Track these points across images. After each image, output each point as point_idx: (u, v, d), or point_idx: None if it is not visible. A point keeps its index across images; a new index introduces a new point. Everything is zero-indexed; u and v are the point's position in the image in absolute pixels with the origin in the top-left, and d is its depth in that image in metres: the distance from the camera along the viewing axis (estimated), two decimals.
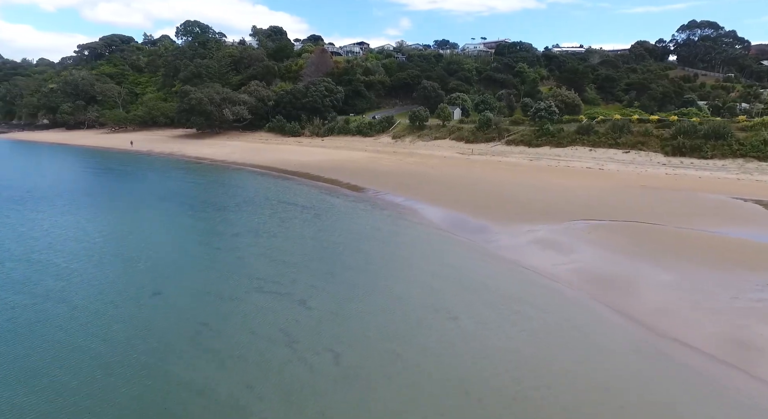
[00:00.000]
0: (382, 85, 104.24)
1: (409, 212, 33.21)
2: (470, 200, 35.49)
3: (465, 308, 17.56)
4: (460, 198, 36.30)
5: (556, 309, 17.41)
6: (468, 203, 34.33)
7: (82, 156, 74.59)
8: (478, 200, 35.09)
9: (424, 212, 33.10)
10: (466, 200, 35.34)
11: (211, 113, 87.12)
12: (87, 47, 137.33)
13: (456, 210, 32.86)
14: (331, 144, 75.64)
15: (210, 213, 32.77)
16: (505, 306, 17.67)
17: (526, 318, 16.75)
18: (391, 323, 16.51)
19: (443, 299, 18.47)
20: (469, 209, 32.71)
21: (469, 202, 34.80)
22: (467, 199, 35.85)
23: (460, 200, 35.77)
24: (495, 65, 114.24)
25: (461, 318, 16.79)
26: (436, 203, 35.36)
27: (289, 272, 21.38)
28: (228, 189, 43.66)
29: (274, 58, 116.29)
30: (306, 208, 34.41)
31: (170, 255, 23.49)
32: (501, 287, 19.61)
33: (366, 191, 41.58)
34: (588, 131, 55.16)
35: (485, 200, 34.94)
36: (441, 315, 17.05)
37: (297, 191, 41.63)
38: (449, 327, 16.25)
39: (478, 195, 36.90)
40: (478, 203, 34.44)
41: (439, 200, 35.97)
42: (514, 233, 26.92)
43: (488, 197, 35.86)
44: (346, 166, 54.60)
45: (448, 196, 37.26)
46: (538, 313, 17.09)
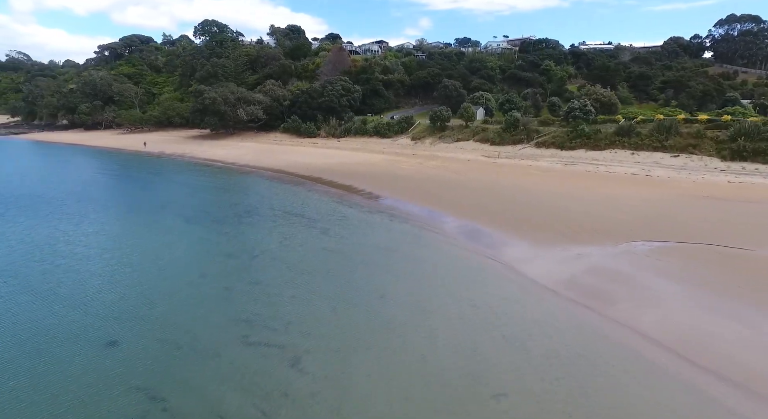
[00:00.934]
0: (401, 85, 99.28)
1: (431, 227, 28.37)
2: (501, 211, 30.44)
3: (514, 379, 12.68)
4: (488, 209, 31.28)
5: (662, 398, 12.37)
6: (499, 216, 29.30)
7: (89, 158, 71.82)
8: (511, 212, 30.01)
9: (449, 227, 28.21)
10: (496, 212, 30.31)
11: (225, 113, 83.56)
12: (107, 48, 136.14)
13: (485, 225, 27.88)
14: (347, 146, 71.16)
15: (204, 227, 28.51)
16: (573, 382, 12.70)
17: (603, 408, 11.78)
18: (417, 405, 11.74)
19: (483, 362, 13.63)
20: (501, 224, 27.70)
21: (499, 214, 29.77)
22: (498, 210, 30.82)
23: (489, 211, 30.76)
24: (520, 63, 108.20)
25: (510, 396, 11.93)
26: (462, 214, 30.42)
27: (284, 313, 16.81)
28: (231, 197, 39.50)
29: (291, 57, 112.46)
30: (313, 221, 29.85)
31: (140, 286, 19.14)
32: (559, 346, 14.62)
33: (383, 199, 36.88)
34: (629, 133, 49.32)
35: (518, 212, 29.84)
36: (483, 390, 12.21)
37: (306, 200, 37.17)
38: (496, 410, 11.42)
39: (509, 206, 31.80)
40: (510, 215, 29.37)
41: (464, 212, 31.02)
42: (561, 258, 21.83)
43: (522, 209, 30.73)
44: (362, 170, 49.99)
45: (475, 206, 32.27)
46: (627, 401, 12.11)
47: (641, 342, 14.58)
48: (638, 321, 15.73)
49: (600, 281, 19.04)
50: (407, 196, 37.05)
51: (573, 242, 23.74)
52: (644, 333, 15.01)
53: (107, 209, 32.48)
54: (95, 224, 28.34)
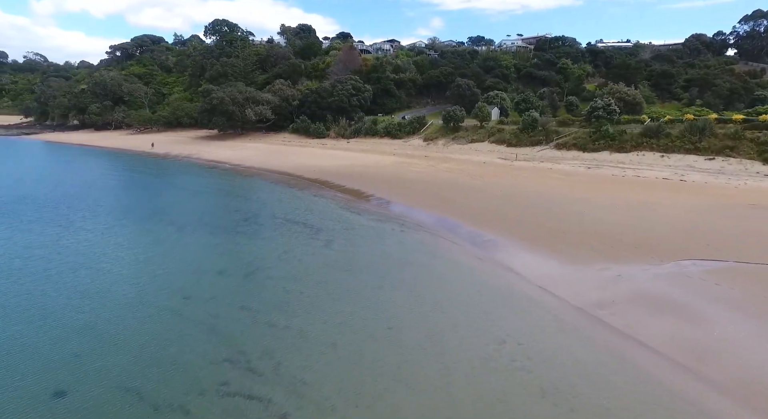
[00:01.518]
0: (413, 84, 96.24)
1: (445, 239, 25.34)
2: (523, 221, 27.29)
3: None
4: (509, 218, 28.15)
5: None
6: (521, 227, 26.17)
7: (91, 159, 70.00)
8: (534, 222, 26.84)
9: (466, 239, 25.15)
10: (518, 222, 27.17)
11: (233, 113, 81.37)
12: (119, 48, 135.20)
13: (507, 236, 24.77)
14: (357, 147, 68.34)
15: (197, 238, 25.80)
16: None
17: None
18: None
19: None
20: (524, 236, 24.58)
21: (522, 224, 26.64)
22: (519, 219, 27.67)
23: (510, 220, 27.63)
24: (535, 61, 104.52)
25: None
26: (480, 224, 27.33)
27: (275, 349, 13.95)
28: (231, 202, 36.86)
29: (302, 56, 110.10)
30: (317, 231, 26.99)
31: (108, 316, 16.39)
32: (611, 402, 11.50)
33: (393, 205, 33.94)
34: (657, 134, 45.67)
35: (543, 222, 26.65)
36: None
37: (311, 206, 34.37)
38: None
39: (532, 214, 28.61)
40: (534, 226, 26.22)
41: (483, 221, 27.92)
42: (598, 280, 18.66)
43: (546, 218, 27.53)
44: (372, 173, 47.08)
45: (494, 215, 29.15)
46: None
47: (719, 401, 11.43)
48: (707, 367, 12.56)
49: (650, 311, 15.86)
50: (419, 202, 34.05)
51: (610, 260, 20.53)
52: (721, 386, 11.85)
53: (95, 216, 29.96)
54: (77, 234, 25.77)
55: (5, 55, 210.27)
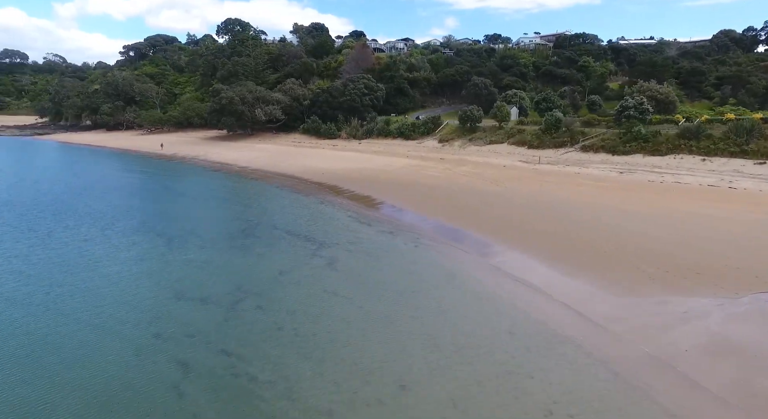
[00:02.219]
0: (428, 83, 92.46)
1: (466, 258, 21.82)
2: (552, 234, 23.61)
3: None
4: (535, 230, 24.49)
5: None
6: (551, 242, 22.52)
7: (96, 160, 67.93)
8: (565, 236, 23.14)
9: (490, 258, 21.58)
10: (546, 235, 23.51)
11: (243, 114, 78.69)
12: (132, 48, 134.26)
13: (537, 254, 21.17)
14: (369, 148, 64.99)
15: (184, 254, 22.68)
16: None
17: None
18: None
19: None
20: (556, 253, 20.98)
21: (551, 239, 22.98)
22: (548, 232, 24.00)
23: (536, 233, 23.98)
24: (555, 59, 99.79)
25: None
26: (502, 238, 23.77)
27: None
28: (230, 210, 33.76)
29: (314, 55, 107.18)
30: (320, 247, 23.70)
31: (59, 359, 13.27)
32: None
33: (405, 214, 30.50)
34: (697, 135, 41.34)
35: (578, 238, 22.94)
36: None
37: (317, 215, 31.12)
38: None
39: (562, 227, 24.89)
40: (565, 240, 22.57)
41: (505, 234, 24.35)
42: (661, 319, 14.99)
43: (581, 232, 23.79)
44: (384, 177, 43.68)
45: (518, 227, 25.52)
46: None
47: None
48: None
49: (738, 366, 12.16)
50: (434, 210, 30.54)
51: (668, 290, 16.80)
52: None
53: (79, 225, 27.08)
54: (51, 246, 22.91)
55: (26, 56, 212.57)
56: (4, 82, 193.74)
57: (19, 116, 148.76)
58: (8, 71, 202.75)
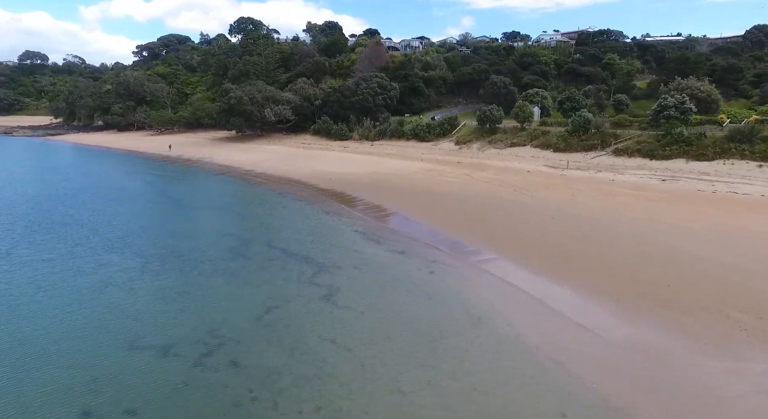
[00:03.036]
0: (444, 82, 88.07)
1: (494, 288, 17.74)
2: (596, 259, 19.46)
3: None
4: (573, 253, 20.34)
5: None
6: (597, 270, 18.39)
7: (98, 162, 65.33)
8: (613, 262, 18.91)
9: (522, 290, 17.47)
10: (588, 261, 19.38)
11: (252, 114, 75.51)
12: (145, 48, 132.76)
13: (581, 287, 17.04)
14: (382, 150, 61.05)
15: (156, 279, 19.07)
16: None
17: None
18: None
19: None
20: (605, 286, 16.83)
21: (596, 266, 18.85)
22: (589, 256, 19.85)
23: (575, 257, 19.84)
24: (577, 57, 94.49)
25: None
26: (535, 263, 19.68)
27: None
28: (223, 222, 30.00)
29: (326, 53, 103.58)
30: (319, 271, 19.89)
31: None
32: None
33: (420, 227, 26.52)
34: (750, 138, 36.40)
35: (627, 264, 18.76)
36: None
37: (319, 229, 27.34)
38: None
39: (605, 249, 20.65)
40: (614, 268, 18.40)
41: (539, 257, 20.23)
42: (752, 385, 10.75)
43: (629, 256, 19.55)
44: (397, 183, 39.70)
45: (553, 248, 21.34)
46: None
47: None
48: None
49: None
50: (453, 225, 26.48)
51: (752, 343, 12.55)
52: None
53: (47, 241, 23.74)
54: (3, 268, 19.53)
55: (46, 57, 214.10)
56: (25, 83, 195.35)
57: (36, 117, 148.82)
58: (29, 72, 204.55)
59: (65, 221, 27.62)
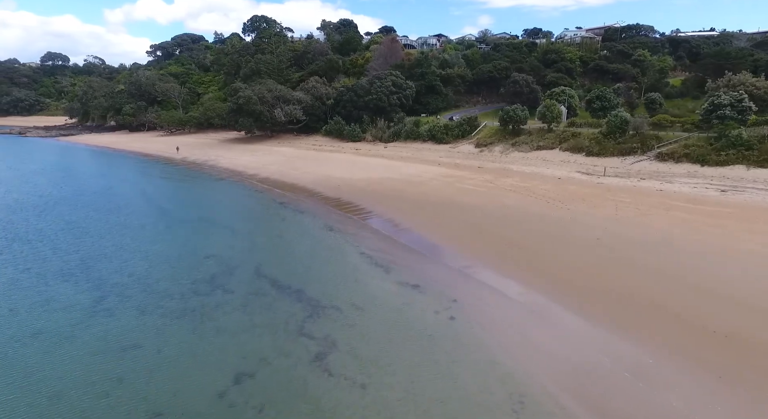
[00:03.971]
0: (462, 80, 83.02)
1: (537, 347, 13.17)
2: (675, 307, 14.62)
3: None
4: (640, 295, 15.58)
5: None
6: (682, 326, 13.61)
7: (99, 164, 62.27)
8: (714, 324, 14.06)
9: (573, 343, 12.89)
10: (667, 310, 14.54)
11: (261, 114, 71.82)
12: (159, 47, 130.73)
13: (664, 354, 12.35)
14: (395, 153, 56.57)
15: (96, 328, 15.02)
16: None
17: None
18: None
19: None
20: (703, 356, 12.06)
21: (678, 318, 14.03)
22: (670, 304, 15.01)
23: (642, 300, 15.09)
24: (605, 54, 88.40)
25: None
26: (589, 308, 15.04)
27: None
28: (209, 241, 25.71)
29: (340, 51, 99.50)
30: (312, 313, 15.63)
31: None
32: None
33: (438, 250, 22.04)
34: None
35: (723, 319, 13.92)
36: None
37: (319, 252, 23.04)
38: None
39: (685, 291, 15.87)
40: (707, 326, 13.56)
41: (591, 301, 15.61)
42: None
43: (722, 304, 14.71)
44: (411, 191, 35.22)
45: (611, 286, 16.67)
46: None
47: None
48: None
49: None
50: (478, 248, 21.91)
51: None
52: None
53: (1, 266, 19.98)
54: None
55: (67, 58, 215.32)
56: (46, 83, 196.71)
57: (55, 117, 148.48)
58: (51, 73, 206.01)
59: (29, 238, 23.92)
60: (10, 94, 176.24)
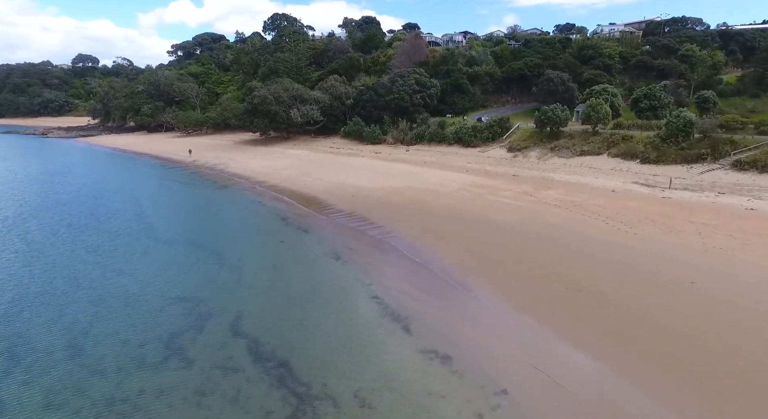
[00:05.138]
0: (490, 78, 76.61)
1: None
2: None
3: None
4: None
5: None
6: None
7: (99, 166, 58.83)
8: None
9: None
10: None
11: (277, 114, 67.32)
12: (180, 47, 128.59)
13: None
14: (418, 157, 50.98)
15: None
16: None
17: None
18: None
19: None
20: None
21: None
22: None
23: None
24: (647, 49, 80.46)
25: None
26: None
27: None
28: (186, 273, 20.62)
29: (361, 49, 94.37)
30: (299, 408, 10.26)
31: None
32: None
33: (474, 297, 16.45)
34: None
35: None
36: None
37: (320, 292, 17.76)
38: None
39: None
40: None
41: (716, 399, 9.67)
42: None
43: None
44: (437, 206, 29.63)
45: (747, 382, 10.71)
46: None
47: None
48: None
49: None
50: (527, 295, 16.24)
51: None
52: None
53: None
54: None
55: (96, 60, 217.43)
56: (76, 85, 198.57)
57: (80, 118, 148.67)
58: (81, 75, 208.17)
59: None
60: (42, 95, 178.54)
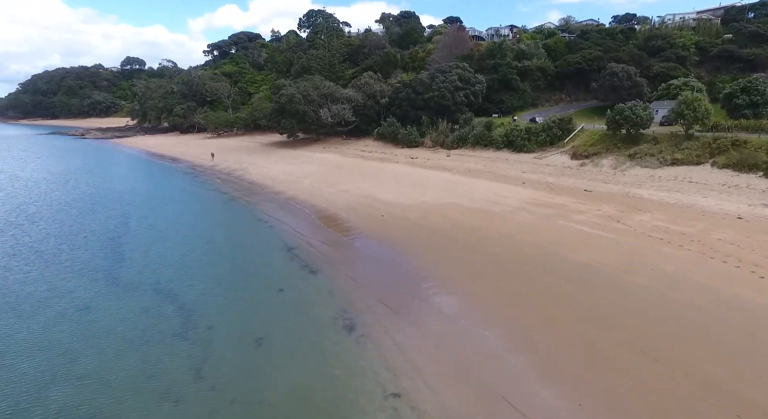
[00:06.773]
0: (542, 74, 67.53)
1: None
2: None
3: None
4: None
5: None
6: None
7: (111, 171, 54.68)
8: None
9: None
10: None
11: (305, 115, 61.38)
12: (216, 47, 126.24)
13: None
14: (461, 164, 43.29)
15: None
16: None
17: None
18: None
19: None
20: None
21: None
22: None
23: None
24: (730, 37, 68.70)
25: None
26: None
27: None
28: (128, 359, 14.44)
29: (399, 45, 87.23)
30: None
31: None
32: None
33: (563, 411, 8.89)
34: None
35: None
36: None
37: (328, 394, 10.80)
38: None
39: None
40: None
41: None
42: None
43: None
44: (490, 231, 22.07)
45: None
46: None
47: None
48: None
49: None
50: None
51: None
52: None
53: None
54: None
55: (143, 62, 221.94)
56: (123, 87, 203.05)
57: (123, 119, 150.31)
58: (128, 77, 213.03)
59: None
60: (91, 97, 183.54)
